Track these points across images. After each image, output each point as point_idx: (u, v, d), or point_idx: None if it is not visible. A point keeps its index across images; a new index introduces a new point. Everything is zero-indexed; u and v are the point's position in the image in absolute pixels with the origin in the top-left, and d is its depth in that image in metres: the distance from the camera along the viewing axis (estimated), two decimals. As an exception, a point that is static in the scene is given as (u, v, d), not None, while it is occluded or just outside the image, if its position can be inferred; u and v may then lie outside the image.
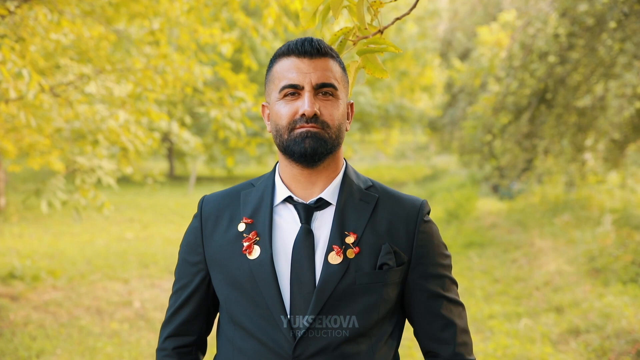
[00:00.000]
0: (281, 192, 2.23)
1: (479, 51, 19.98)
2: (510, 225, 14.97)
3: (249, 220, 2.22)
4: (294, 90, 2.12)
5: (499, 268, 11.06)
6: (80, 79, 7.89)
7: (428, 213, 2.28)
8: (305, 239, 2.15)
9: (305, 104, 2.10)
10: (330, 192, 2.21)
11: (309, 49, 2.14)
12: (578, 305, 8.21)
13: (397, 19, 2.47)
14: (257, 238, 2.18)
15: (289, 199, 2.22)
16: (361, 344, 2.14)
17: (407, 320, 2.33)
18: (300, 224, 2.18)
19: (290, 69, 2.13)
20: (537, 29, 13.24)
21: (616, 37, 11.45)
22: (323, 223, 2.19)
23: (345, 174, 2.26)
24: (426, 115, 32.80)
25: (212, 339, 2.52)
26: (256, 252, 2.16)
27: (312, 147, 2.11)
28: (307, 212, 2.19)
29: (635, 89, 10.80)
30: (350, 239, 2.15)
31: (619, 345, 6.71)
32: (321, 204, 2.20)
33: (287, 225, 2.20)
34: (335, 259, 2.12)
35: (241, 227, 2.22)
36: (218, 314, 2.37)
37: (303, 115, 2.10)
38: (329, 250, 2.14)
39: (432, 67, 32.13)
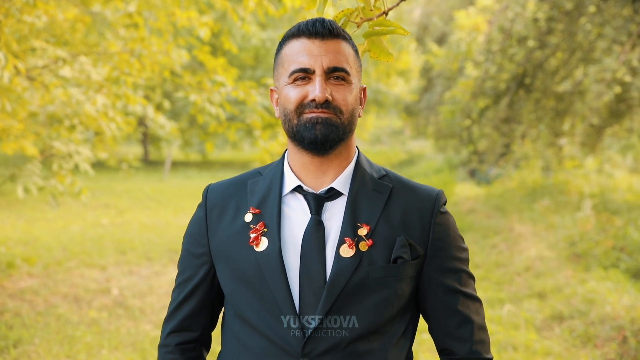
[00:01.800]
0: (290, 181, 2.12)
1: (457, 36, 19.91)
2: (489, 210, 14.97)
3: (256, 211, 2.11)
4: (305, 75, 2.01)
5: (478, 253, 11.04)
6: (55, 63, 7.70)
7: (444, 204, 2.17)
8: (316, 230, 2.04)
9: (316, 89, 1.98)
10: (342, 182, 2.10)
11: (321, 29, 2.02)
12: (560, 290, 8.20)
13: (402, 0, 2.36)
14: (265, 229, 2.07)
15: (298, 189, 2.11)
16: (373, 342, 2.04)
17: (421, 317, 2.24)
18: (310, 215, 2.07)
19: (301, 52, 2.02)
20: (515, 13, 13.19)
21: (595, 22, 11.44)
22: (334, 214, 2.08)
23: (358, 163, 2.15)
24: (402, 100, 32.77)
25: (216, 335, 2.41)
26: (264, 244, 2.05)
27: (323, 134, 2.00)
28: (317, 202, 2.08)
29: (615, 74, 10.79)
30: (363, 231, 2.04)
31: (604, 331, 6.69)
32: (332, 193, 2.09)
33: (296, 216, 2.09)
34: (347, 251, 2.01)
35: (248, 217, 2.11)
36: (223, 309, 2.26)
37: (313, 100, 1.99)
38: (341, 242, 2.02)
39: (408, 52, 32.05)
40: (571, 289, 8.07)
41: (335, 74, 2.01)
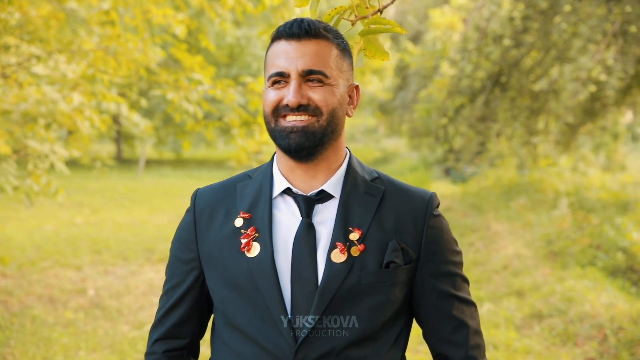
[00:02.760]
0: (280, 184, 2.08)
1: (432, 34, 19.95)
2: (465, 208, 15.01)
3: (247, 215, 2.07)
4: (281, 78, 1.98)
5: (456, 252, 11.04)
6: (28, 60, 7.57)
7: (437, 206, 2.13)
8: (307, 234, 2.00)
9: (289, 94, 1.95)
10: (333, 184, 2.06)
11: (297, 31, 1.98)
12: (539, 289, 8.23)
13: (396, -3, 2.32)
14: (257, 234, 2.03)
15: (287, 191, 2.07)
16: (366, 348, 2.00)
17: (414, 322, 2.20)
18: (300, 218, 2.03)
19: (279, 55, 1.99)
20: (491, 11, 13.24)
21: (570, 21, 11.51)
22: (325, 217, 2.04)
23: (350, 165, 2.11)
24: (376, 98, 32.80)
25: (204, 341, 2.35)
26: (255, 249, 2.01)
27: (296, 143, 1.96)
28: (307, 204, 2.03)
29: (590, 73, 10.85)
30: (354, 236, 2.00)
31: (583, 330, 6.72)
32: (323, 196, 2.05)
33: (286, 219, 2.05)
34: (338, 257, 1.97)
35: (238, 222, 2.06)
36: (212, 316, 2.21)
37: (287, 104, 1.97)
38: (332, 247, 1.98)
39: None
40: (549, 287, 8.10)
41: (311, 76, 1.97)
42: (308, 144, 1.96)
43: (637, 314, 6.78)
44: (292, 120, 1.96)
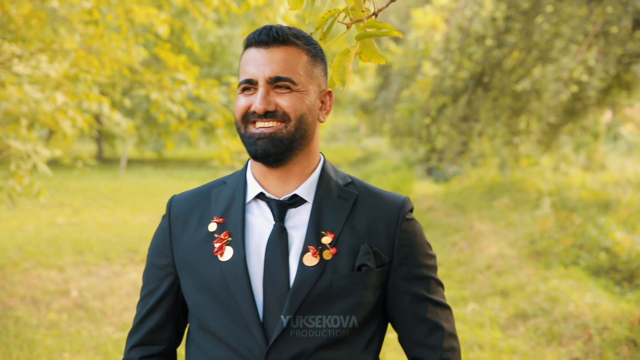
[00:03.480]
0: (253, 189, 2.10)
1: (414, 34, 19.99)
2: (448, 208, 15.05)
3: (220, 220, 2.09)
4: (250, 86, 2.01)
5: (439, 252, 11.07)
6: (10, 59, 7.50)
7: (411, 211, 2.16)
8: (279, 238, 2.03)
9: (256, 101, 1.98)
10: (306, 189, 2.08)
11: (265, 38, 2.00)
12: (523, 289, 8.26)
13: (392, 0, 2.31)
14: (230, 238, 2.05)
15: (261, 196, 2.09)
16: (338, 350, 2.02)
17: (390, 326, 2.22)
18: (273, 222, 2.06)
19: (248, 62, 2.02)
20: (473, 12, 13.29)
21: (552, 21, 11.58)
22: (298, 221, 2.06)
23: (323, 170, 2.13)
24: (358, 97, 32.85)
25: (181, 348, 2.36)
26: (228, 253, 2.03)
27: (262, 149, 1.99)
28: (280, 209, 2.06)
29: (572, 73, 10.92)
30: (327, 239, 2.02)
31: (568, 330, 6.75)
32: (296, 200, 2.07)
33: (260, 223, 2.07)
34: (310, 260, 2.00)
35: (212, 227, 2.09)
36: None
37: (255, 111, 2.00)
38: (305, 251, 2.01)
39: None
40: (533, 287, 8.13)
41: (279, 83, 1.99)
42: (274, 150, 1.99)
43: (622, 313, 6.83)
44: (261, 126, 1.99)
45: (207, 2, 7.59)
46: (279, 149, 1.98)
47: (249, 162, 2.16)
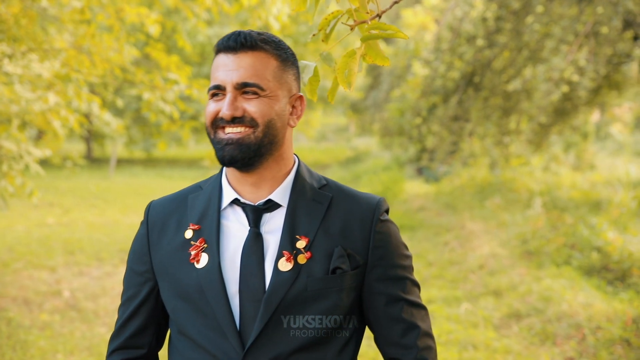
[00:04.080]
0: (228, 195, 2.11)
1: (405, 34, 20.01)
2: (439, 208, 15.07)
3: (196, 227, 2.10)
4: (219, 91, 2.02)
5: (431, 251, 11.09)
6: (0, 59, 7.45)
7: (386, 211, 2.16)
8: (254, 243, 2.04)
9: (224, 107, 1.99)
10: (281, 193, 2.09)
11: (233, 44, 2.01)
12: (515, 288, 8.27)
13: (396, 2, 2.31)
14: (205, 245, 2.07)
15: (236, 201, 2.10)
16: (314, 353, 2.04)
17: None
18: (249, 228, 2.07)
19: (218, 67, 2.03)
20: (464, 12, 13.32)
21: (543, 21, 11.61)
22: (273, 226, 2.08)
23: (297, 173, 2.14)
24: (348, 97, 32.83)
25: (164, 351, 2.37)
26: (204, 260, 2.05)
27: (229, 155, 1.99)
28: (255, 214, 2.07)
29: (562, 73, 10.95)
30: (301, 244, 2.04)
31: (562, 329, 6.77)
32: (270, 205, 2.08)
33: (235, 229, 2.08)
34: (285, 265, 2.02)
35: (188, 234, 2.11)
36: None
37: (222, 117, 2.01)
38: (280, 256, 2.03)
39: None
40: (526, 286, 8.15)
41: (247, 88, 2.00)
42: (242, 155, 1.99)
43: (615, 313, 6.86)
44: (229, 132, 2.00)
45: (199, 1, 7.57)
46: (246, 154, 1.99)
47: (224, 167, 2.16)
